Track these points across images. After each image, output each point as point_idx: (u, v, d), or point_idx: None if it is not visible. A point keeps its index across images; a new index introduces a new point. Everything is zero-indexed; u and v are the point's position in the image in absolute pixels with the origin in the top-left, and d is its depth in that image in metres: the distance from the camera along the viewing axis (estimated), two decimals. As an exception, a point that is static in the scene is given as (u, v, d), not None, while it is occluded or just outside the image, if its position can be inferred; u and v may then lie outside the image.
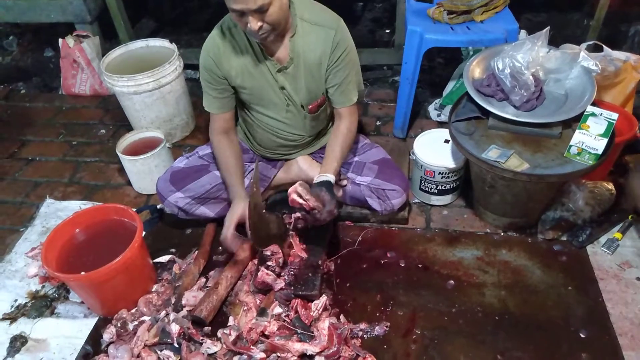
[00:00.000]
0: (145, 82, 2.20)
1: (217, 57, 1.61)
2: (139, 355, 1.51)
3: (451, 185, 1.91)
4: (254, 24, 1.39)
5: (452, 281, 1.68)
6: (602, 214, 1.81)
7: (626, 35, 2.72)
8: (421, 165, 1.88)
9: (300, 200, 1.48)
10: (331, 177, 1.59)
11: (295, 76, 1.63)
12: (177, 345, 1.52)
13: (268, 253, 1.64)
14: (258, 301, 1.61)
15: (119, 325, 1.58)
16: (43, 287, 1.78)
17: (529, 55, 1.65)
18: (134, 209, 1.71)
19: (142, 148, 2.11)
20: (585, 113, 1.58)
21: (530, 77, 1.64)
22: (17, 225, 2.08)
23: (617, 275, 1.66)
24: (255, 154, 1.94)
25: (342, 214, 1.91)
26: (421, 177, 1.91)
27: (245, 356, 1.47)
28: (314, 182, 1.59)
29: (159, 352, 1.51)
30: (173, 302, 1.65)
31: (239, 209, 1.61)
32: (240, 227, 1.64)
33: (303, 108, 1.71)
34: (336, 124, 1.73)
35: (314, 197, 1.50)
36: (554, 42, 1.77)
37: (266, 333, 1.51)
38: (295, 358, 1.45)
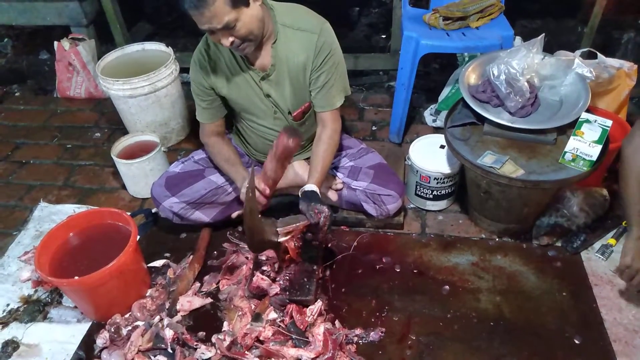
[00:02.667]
0: (141, 86, 2.20)
1: (203, 68, 1.63)
2: (132, 361, 1.50)
3: (446, 191, 1.91)
4: (224, 40, 1.41)
5: (447, 287, 1.68)
6: (596, 220, 1.81)
7: (619, 42, 2.75)
8: (417, 171, 1.88)
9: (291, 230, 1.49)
10: (314, 188, 1.56)
11: (279, 83, 1.63)
12: (171, 351, 1.51)
13: (263, 258, 1.63)
14: (253, 306, 1.60)
15: (112, 330, 1.57)
16: (36, 291, 1.77)
17: (524, 62, 1.66)
18: (129, 213, 1.70)
19: (137, 152, 2.11)
20: (579, 120, 1.59)
21: (525, 84, 1.65)
22: (10, 228, 2.06)
23: (611, 281, 1.67)
24: (251, 159, 1.94)
25: (338, 219, 1.90)
26: (417, 182, 1.91)
27: (239, 362, 1.46)
28: (300, 194, 1.57)
29: (152, 357, 1.50)
30: (167, 307, 1.64)
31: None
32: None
33: (290, 114, 1.71)
34: (318, 132, 1.69)
35: (299, 219, 1.49)
36: (549, 48, 1.79)
37: (261, 338, 1.51)
38: (290, 364, 1.44)
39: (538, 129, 1.65)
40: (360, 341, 1.53)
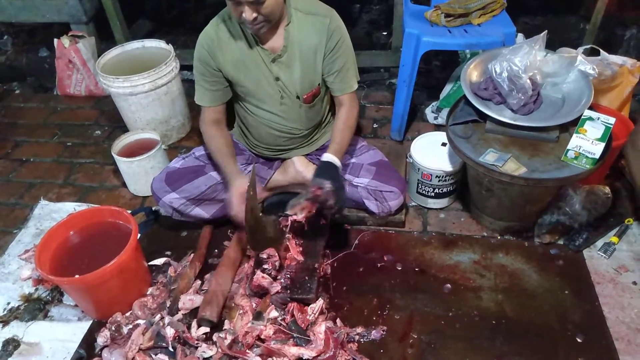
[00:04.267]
0: (141, 83, 2.19)
1: (211, 49, 1.62)
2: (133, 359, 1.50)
3: (448, 189, 1.90)
4: (248, 14, 1.42)
5: (448, 285, 1.68)
6: (598, 217, 1.80)
7: (622, 39, 2.73)
8: (418, 168, 1.87)
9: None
10: (331, 158, 1.59)
11: (289, 65, 1.63)
12: (172, 349, 1.51)
13: (264, 256, 1.63)
14: (254, 305, 1.60)
15: (113, 328, 1.57)
16: (36, 290, 1.76)
17: (527, 59, 1.65)
18: (129, 211, 1.69)
19: (137, 149, 2.10)
20: (582, 117, 1.58)
21: (528, 81, 1.64)
22: (10, 227, 2.06)
23: (614, 279, 1.66)
24: (252, 154, 1.93)
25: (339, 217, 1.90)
26: (418, 180, 1.91)
27: (240, 360, 1.46)
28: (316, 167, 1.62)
29: (153, 356, 1.50)
30: (168, 305, 1.64)
31: (241, 184, 1.59)
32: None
33: (298, 98, 1.71)
34: (337, 113, 1.76)
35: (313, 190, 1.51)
36: (551, 45, 1.78)
37: (262, 337, 1.50)
38: (291, 362, 1.44)
39: (540, 127, 1.64)
40: (361, 340, 1.53)
